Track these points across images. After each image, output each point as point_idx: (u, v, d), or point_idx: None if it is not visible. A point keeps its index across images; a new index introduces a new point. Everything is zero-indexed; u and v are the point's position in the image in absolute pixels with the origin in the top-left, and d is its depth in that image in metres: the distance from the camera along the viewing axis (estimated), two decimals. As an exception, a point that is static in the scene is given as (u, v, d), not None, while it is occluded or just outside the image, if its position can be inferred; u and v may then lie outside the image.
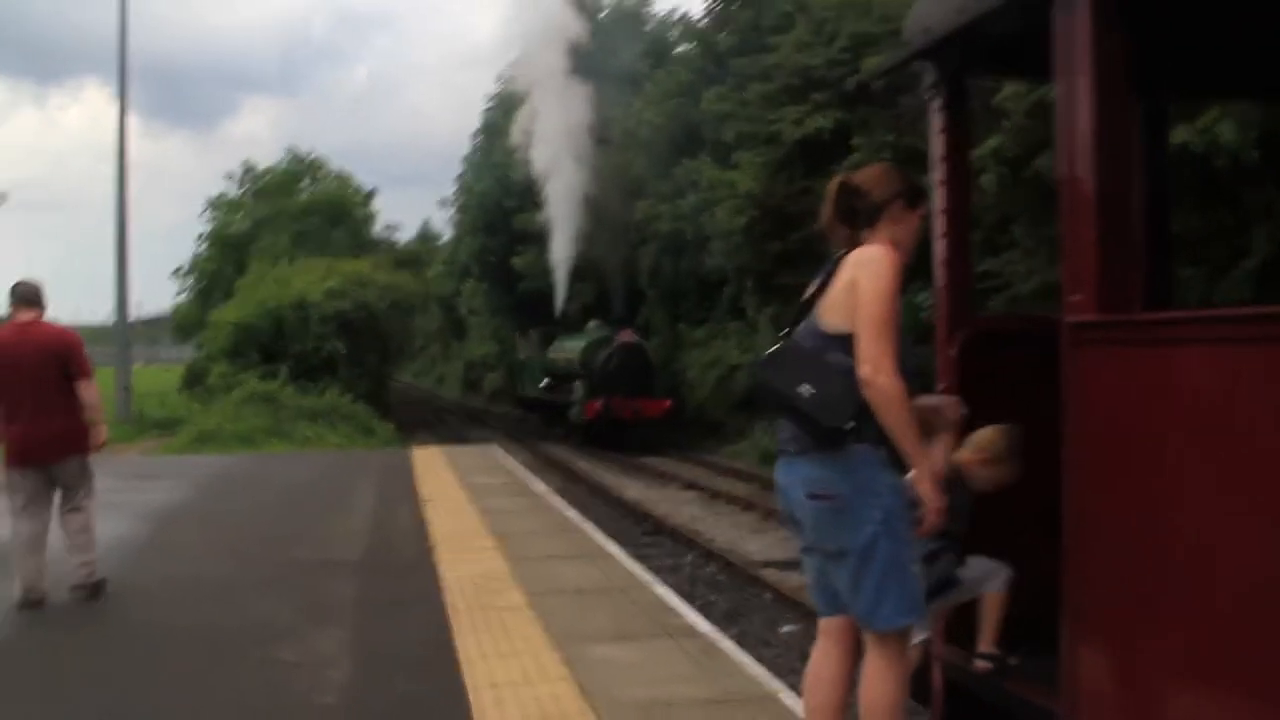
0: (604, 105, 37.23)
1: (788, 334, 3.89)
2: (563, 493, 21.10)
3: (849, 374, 3.62)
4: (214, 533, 10.03)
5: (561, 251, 37.14)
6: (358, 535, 9.55)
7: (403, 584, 7.46)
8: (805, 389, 3.61)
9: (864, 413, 3.63)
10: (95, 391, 7.37)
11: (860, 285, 3.73)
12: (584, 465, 27.57)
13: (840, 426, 3.61)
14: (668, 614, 6.41)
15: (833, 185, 4.04)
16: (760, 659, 10.30)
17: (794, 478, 3.80)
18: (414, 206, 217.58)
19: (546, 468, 27.09)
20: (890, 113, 21.12)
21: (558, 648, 5.67)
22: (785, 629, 11.65)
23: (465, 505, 11.09)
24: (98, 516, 7.50)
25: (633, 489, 22.98)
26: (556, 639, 5.82)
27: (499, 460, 16.30)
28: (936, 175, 4.58)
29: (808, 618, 11.88)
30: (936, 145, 4.57)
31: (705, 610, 12.52)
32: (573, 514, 10.65)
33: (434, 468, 14.97)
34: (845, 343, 3.68)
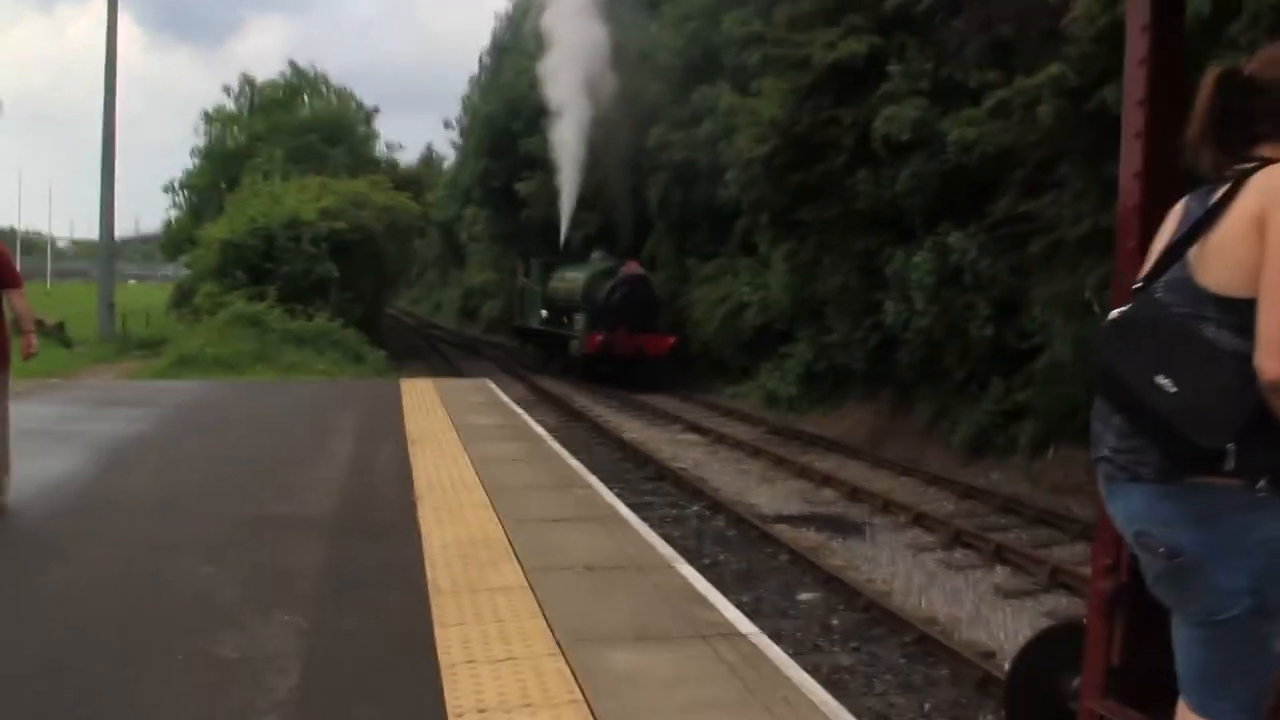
0: (619, 28, 35.72)
1: (1141, 289, 2.65)
2: (560, 430, 20.08)
3: (1240, 362, 2.37)
4: (167, 476, 8.81)
5: (569, 178, 35.78)
6: (332, 484, 8.34)
7: (378, 550, 6.26)
8: (1165, 382, 2.39)
9: (1254, 428, 2.37)
10: (24, 301, 7.10)
11: (1274, 226, 2.39)
12: (583, 401, 26.53)
13: (1216, 447, 2.38)
14: (697, 605, 5.23)
15: (1210, 79, 2.75)
16: (778, 633, 9.32)
17: (1119, 508, 2.68)
18: (422, 131, 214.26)
19: (543, 403, 26.08)
20: (930, 40, 19.73)
21: (565, 651, 4.49)
22: (803, 596, 10.58)
23: (456, 449, 9.88)
24: (43, 449, 6.78)
25: (633, 429, 21.94)
26: (563, 638, 4.65)
27: (495, 396, 15.08)
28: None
29: (827, 585, 10.85)
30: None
31: (716, 570, 11.49)
32: (576, 464, 9.45)
33: (424, 403, 13.76)
34: (1237, 311, 2.41)
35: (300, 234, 28.90)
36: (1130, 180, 3.12)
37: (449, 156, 72.17)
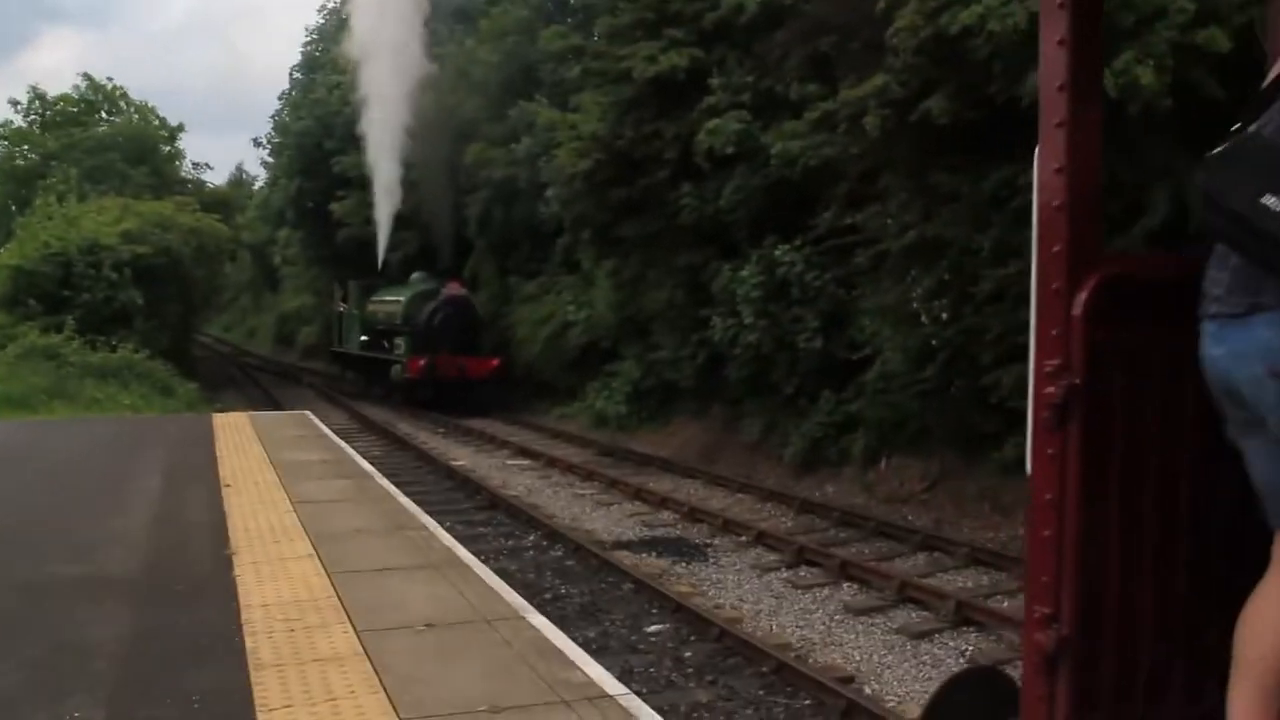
0: (434, 43, 34.95)
1: (1239, 130, 2.46)
2: (385, 460, 19.29)
3: None
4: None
5: (384, 197, 34.73)
6: (136, 537, 7.51)
7: (189, 617, 5.54)
8: (1272, 200, 2.25)
9: None
10: None
11: None
12: (407, 428, 25.69)
13: None
14: (555, 662, 4.72)
15: None
16: (629, 670, 8.86)
17: (1238, 347, 2.46)
18: (231, 152, 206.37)
19: (366, 431, 25.17)
20: (751, 53, 19.69)
21: (409, 733, 3.92)
22: (652, 627, 10.14)
23: (276, 491, 9.13)
24: None
25: (461, 456, 21.26)
26: (408, 717, 4.07)
27: (315, 429, 14.25)
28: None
29: (676, 614, 10.44)
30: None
31: (559, 604, 10.98)
32: (407, 502, 8.81)
33: (239, 439, 12.86)
34: None
35: (100, 259, 27.28)
36: (1051, 176, 2.74)
37: (260, 177, 69.80)
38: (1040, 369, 2.65)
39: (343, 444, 12.94)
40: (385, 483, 9.85)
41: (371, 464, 11.19)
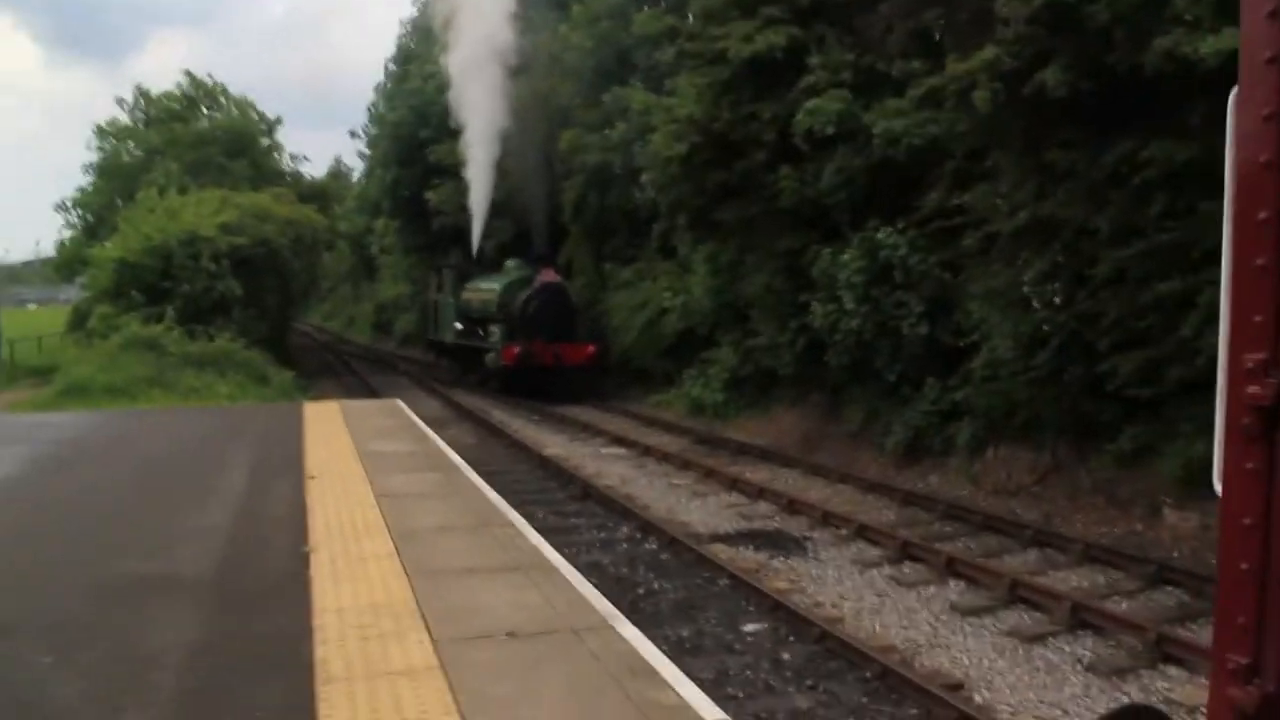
0: (528, 29, 34.72)
1: None
2: (478, 449, 19.11)
3: None
4: (22, 528, 7.67)
5: (479, 184, 34.65)
6: (214, 533, 7.26)
7: (260, 622, 5.23)
8: None
9: None
10: None
11: None
12: (501, 416, 25.50)
13: None
14: (647, 682, 4.31)
15: None
16: (725, 673, 8.44)
17: None
18: (331, 146, 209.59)
19: (460, 419, 25.06)
20: (851, 30, 19.05)
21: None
22: (749, 627, 9.70)
23: (360, 484, 8.85)
24: None
25: (555, 444, 20.98)
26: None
27: (405, 419, 14.02)
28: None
29: (774, 613, 10.00)
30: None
31: (653, 599, 10.61)
32: (495, 497, 8.45)
33: (328, 429, 12.67)
34: None
35: (199, 250, 27.52)
36: (1258, 125, 2.22)
37: (358, 169, 70.53)
38: (1238, 364, 2.14)
39: (432, 434, 12.67)
40: (473, 476, 9.52)
41: (461, 455, 10.87)
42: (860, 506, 14.84)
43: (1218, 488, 2.30)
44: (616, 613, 5.32)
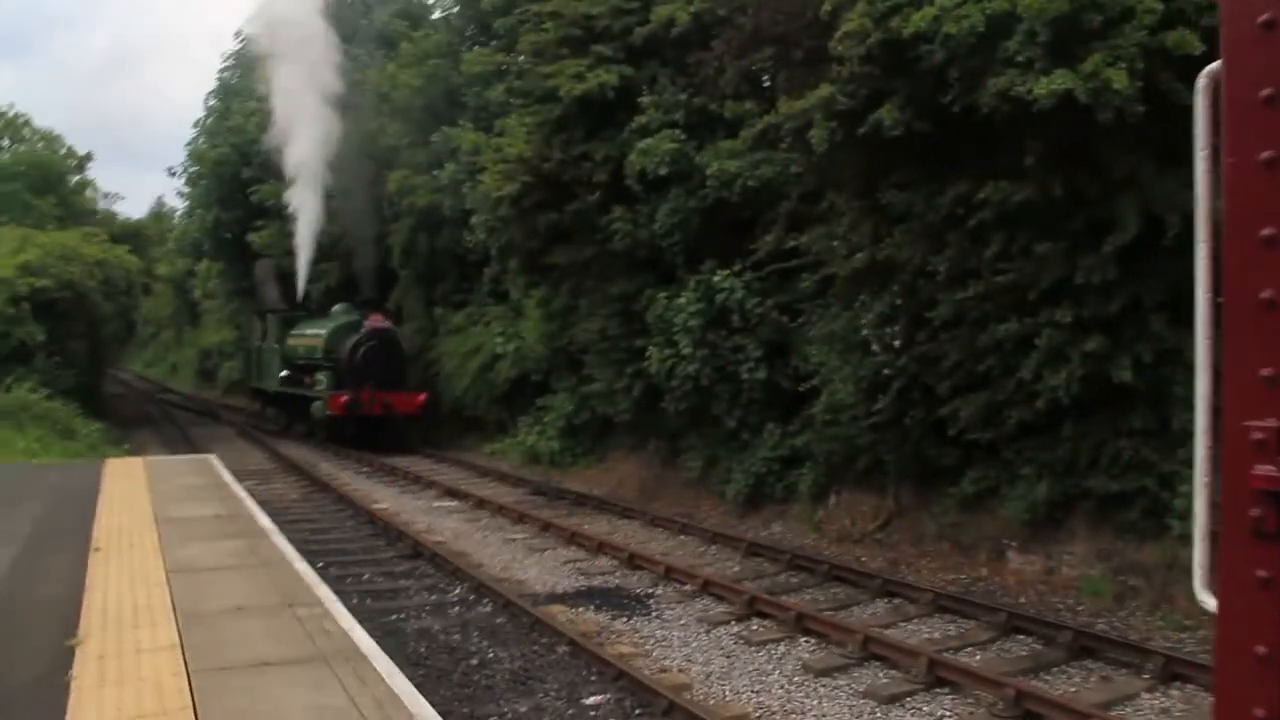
0: (355, 66, 33.72)
1: None
2: (303, 504, 18.02)
3: None
4: None
5: (305, 226, 33.33)
6: (-36, 623, 6.23)
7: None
8: None
9: None
10: None
11: None
12: (329, 468, 24.34)
13: None
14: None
15: None
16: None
17: None
18: (154, 186, 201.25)
19: (284, 472, 23.84)
20: (683, 70, 18.76)
21: None
22: (592, 700, 8.99)
23: (151, 557, 7.86)
24: None
25: (385, 498, 19.98)
26: None
27: (215, 477, 12.93)
28: None
29: (617, 682, 9.33)
30: None
31: (486, 671, 9.81)
32: (303, 567, 7.57)
33: (128, 490, 11.54)
34: None
35: (-5, 293, 25.62)
36: (1256, 109, 1.67)
37: (181, 209, 67.76)
38: (1238, 436, 1.59)
39: (243, 493, 11.65)
40: (282, 542, 8.60)
41: (284, 512, 9.95)
42: (703, 559, 14.34)
43: (1206, 602, 1.74)
44: (434, 716, 4.56)
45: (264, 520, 9.70)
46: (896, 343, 13.78)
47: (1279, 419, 1.52)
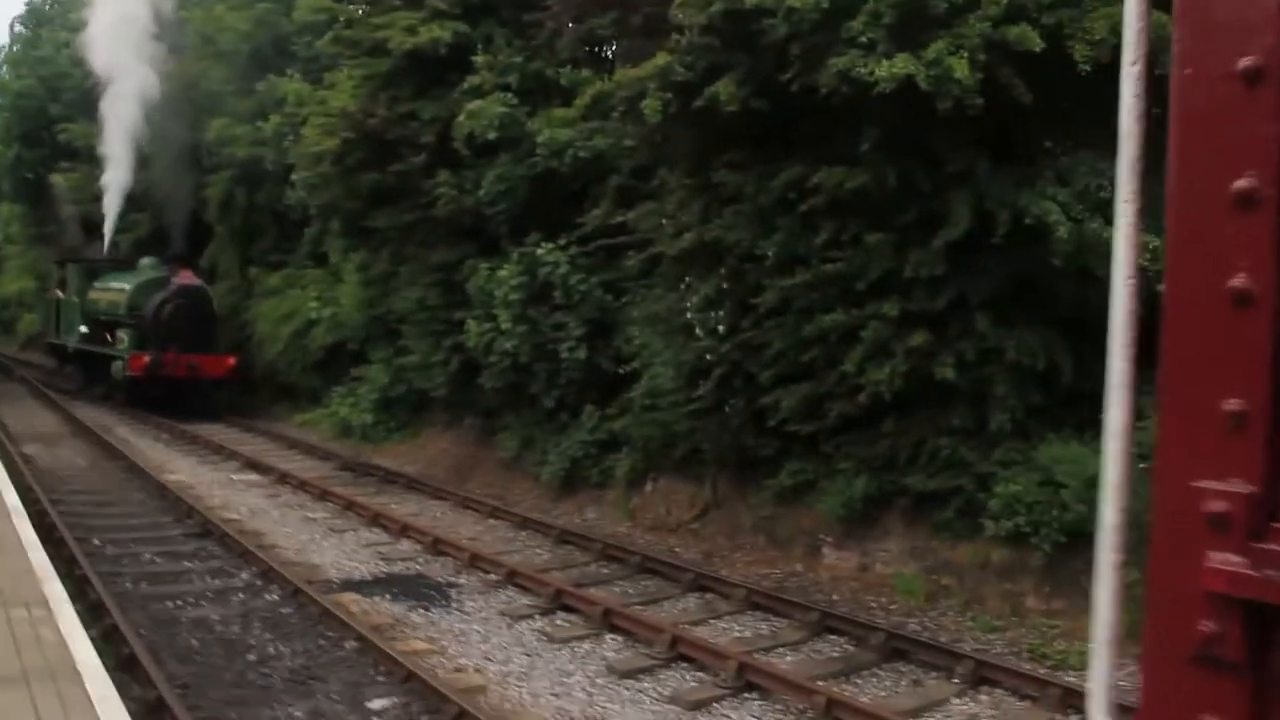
0: (180, 4, 31.64)
1: None
2: (88, 473, 16.78)
3: None
4: None
5: (115, 171, 31.15)
6: None
7: None
8: None
9: None
10: None
11: None
12: (124, 434, 22.82)
13: None
14: None
15: None
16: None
17: None
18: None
19: (76, 436, 22.34)
20: (521, 32, 17.98)
21: None
22: (376, 703, 8.24)
23: None
24: None
25: (180, 469, 18.75)
26: None
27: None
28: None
29: (406, 684, 8.58)
30: None
31: (264, 669, 8.94)
32: (38, 558, 6.61)
33: None
34: None
35: None
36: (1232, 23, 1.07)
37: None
38: (1178, 501, 1.01)
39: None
40: (23, 527, 7.59)
41: (65, 481, 8.86)
42: (512, 545, 13.72)
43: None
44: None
45: (10, 498, 8.62)
46: (720, 328, 13.35)
47: (1252, 481, 0.95)
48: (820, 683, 8.51)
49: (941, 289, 11.26)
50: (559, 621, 10.48)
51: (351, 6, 21.47)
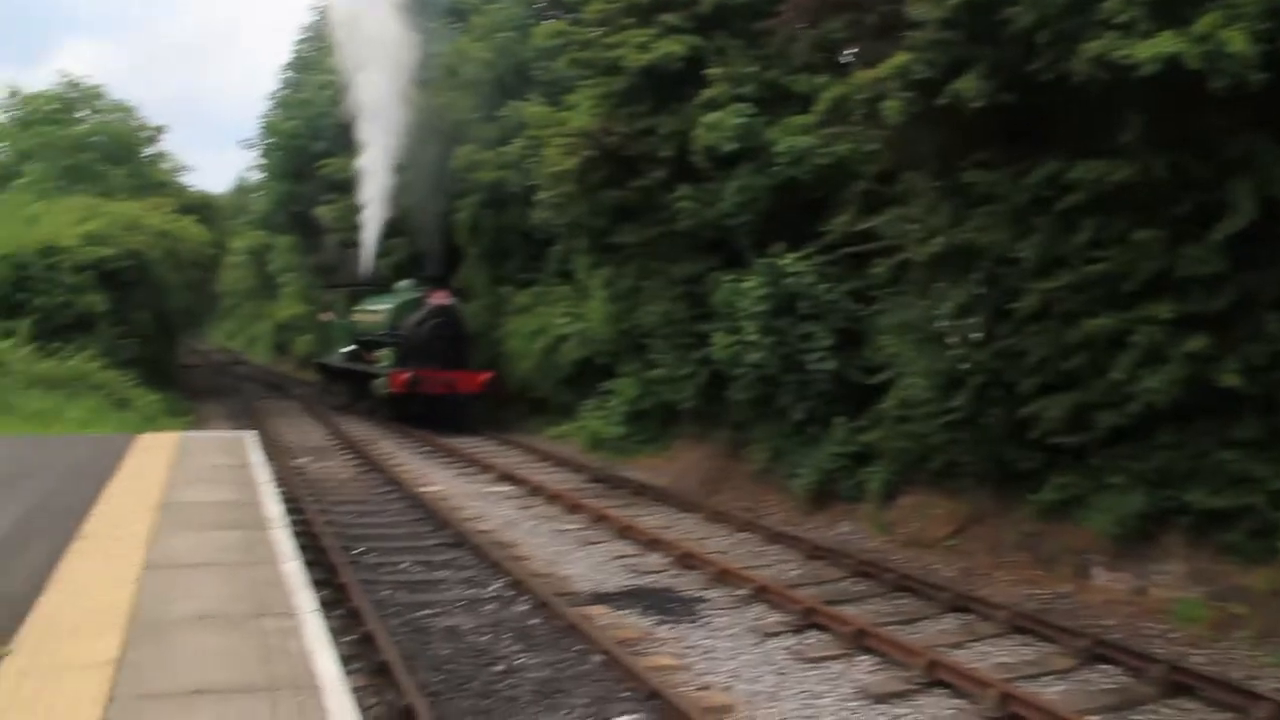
0: (426, 40, 33.05)
1: None
2: (352, 484, 17.45)
3: None
4: None
5: (374, 200, 32.80)
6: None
7: None
8: None
9: None
10: None
11: None
12: (387, 447, 23.77)
13: None
14: None
15: None
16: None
17: None
18: (238, 161, 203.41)
19: (342, 449, 23.41)
20: (754, 41, 17.76)
21: None
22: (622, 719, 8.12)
23: (134, 548, 7.14)
24: None
25: (438, 481, 19.32)
26: None
27: (244, 457, 12.26)
28: None
29: (651, 701, 8.43)
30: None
31: (510, 680, 8.99)
32: (292, 569, 6.78)
33: (147, 467, 10.92)
34: None
35: (58, 261, 25.27)
36: None
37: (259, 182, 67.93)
38: None
39: (263, 479, 10.92)
40: (282, 538, 7.82)
41: (328, 492, 9.18)
42: (762, 559, 13.43)
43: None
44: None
45: (272, 509, 8.94)
46: (975, 335, 12.72)
47: None
48: (1093, 718, 7.87)
49: (1222, 287, 10.35)
50: (810, 640, 10.15)
51: (586, 29, 21.71)
